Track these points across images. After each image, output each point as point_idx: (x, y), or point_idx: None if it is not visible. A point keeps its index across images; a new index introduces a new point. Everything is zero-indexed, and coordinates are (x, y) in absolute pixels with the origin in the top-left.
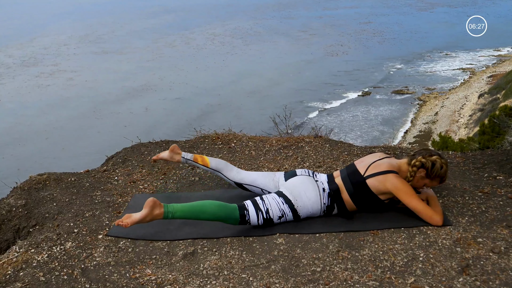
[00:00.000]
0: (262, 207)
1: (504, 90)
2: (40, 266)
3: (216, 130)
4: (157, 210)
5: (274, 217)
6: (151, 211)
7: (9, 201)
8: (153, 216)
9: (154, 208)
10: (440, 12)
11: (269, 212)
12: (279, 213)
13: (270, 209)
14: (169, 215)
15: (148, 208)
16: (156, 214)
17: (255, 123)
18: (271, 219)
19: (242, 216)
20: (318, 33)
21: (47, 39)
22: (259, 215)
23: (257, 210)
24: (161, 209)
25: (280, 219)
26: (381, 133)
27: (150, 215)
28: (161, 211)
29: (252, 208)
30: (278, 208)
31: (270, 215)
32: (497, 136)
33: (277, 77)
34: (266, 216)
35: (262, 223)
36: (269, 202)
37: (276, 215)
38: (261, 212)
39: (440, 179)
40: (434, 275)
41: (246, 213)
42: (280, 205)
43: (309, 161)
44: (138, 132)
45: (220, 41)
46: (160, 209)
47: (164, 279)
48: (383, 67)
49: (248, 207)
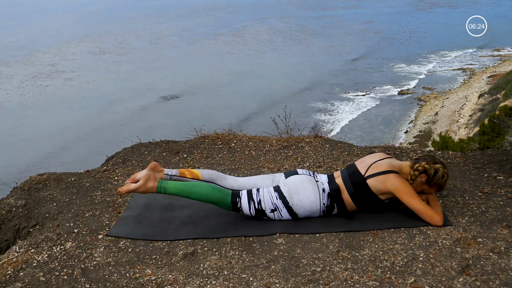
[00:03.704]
0: (255, 197)
1: (504, 90)
2: (40, 266)
3: (216, 130)
4: (151, 183)
5: (266, 209)
6: (145, 183)
7: (9, 201)
8: (147, 188)
9: (148, 180)
10: (440, 12)
11: (261, 203)
12: (271, 206)
13: (263, 200)
14: (161, 190)
15: (143, 180)
16: (149, 186)
17: (255, 122)
18: (263, 210)
19: (234, 203)
20: (321, 33)
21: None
22: (250, 204)
23: (250, 199)
24: (155, 183)
25: (274, 212)
26: (382, 133)
27: (144, 187)
28: (155, 185)
29: (245, 196)
30: (270, 201)
31: (262, 207)
32: (497, 136)
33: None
34: (258, 207)
35: (254, 214)
36: (263, 194)
37: (268, 208)
38: (253, 202)
39: (439, 188)
40: (434, 275)
41: (238, 200)
42: (273, 199)
43: (309, 161)
44: (138, 132)
45: (224, 41)
46: (154, 182)
47: (164, 279)
48: (384, 67)
49: (242, 195)
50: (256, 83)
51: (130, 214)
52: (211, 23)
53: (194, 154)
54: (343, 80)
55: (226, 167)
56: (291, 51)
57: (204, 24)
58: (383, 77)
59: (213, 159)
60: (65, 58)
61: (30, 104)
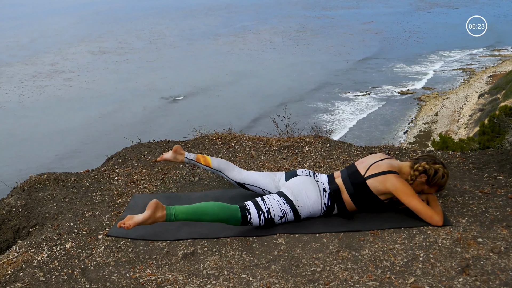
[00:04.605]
0: (263, 207)
1: (504, 90)
2: (40, 266)
3: (216, 130)
4: (159, 213)
5: (275, 217)
6: (153, 214)
7: (9, 201)
8: (155, 218)
9: (156, 211)
10: (440, 12)
11: (271, 212)
12: (280, 213)
13: (272, 209)
14: (171, 217)
15: (151, 211)
16: (158, 216)
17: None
18: (272, 219)
19: (244, 217)
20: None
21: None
22: (260, 215)
23: (259, 210)
24: (163, 211)
25: (282, 219)
26: (381, 133)
27: (152, 218)
28: (163, 213)
29: (253, 209)
30: (279, 208)
31: (271, 215)
32: (497, 136)
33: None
34: (268, 216)
35: (263, 224)
36: (270, 203)
37: (278, 216)
38: (262, 213)
39: (438, 188)
40: (434, 275)
41: (248, 213)
42: (281, 205)
43: (309, 161)
44: (138, 132)
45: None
46: (162, 211)
47: (164, 279)
48: (383, 67)
49: (250, 208)
50: (257, 83)
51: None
52: (211, 23)
53: None
54: (343, 80)
55: None
56: (290, 51)
57: (204, 24)
58: (383, 77)
59: None
60: (65, 58)
61: (29, 104)
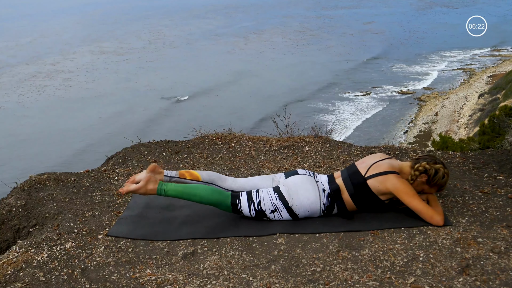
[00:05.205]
0: (254, 198)
1: (504, 90)
2: (40, 266)
3: (216, 130)
4: (151, 185)
5: (266, 210)
6: (145, 184)
7: (9, 201)
8: (147, 189)
9: (149, 182)
10: (440, 12)
11: (261, 204)
12: (271, 206)
13: (262, 201)
14: (161, 192)
15: (144, 182)
16: (150, 188)
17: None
18: (263, 211)
19: (234, 204)
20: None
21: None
22: (250, 206)
23: (249, 201)
24: (155, 185)
25: (274, 213)
26: (381, 133)
27: (144, 188)
28: (155, 187)
29: (245, 198)
30: (270, 202)
31: (261, 208)
32: (497, 136)
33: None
34: (258, 208)
35: (254, 215)
36: (262, 195)
37: (268, 208)
38: (252, 203)
39: (439, 188)
40: (434, 275)
41: (238, 202)
42: (272, 200)
43: (309, 161)
44: (138, 132)
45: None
46: (154, 185)
47: (164, 279)
48: (383, 67)
49: (241, 197)
50: (257, 83)
51: (130, 214)
52: (212, 23)
53: (194, 154)
54: (343, 80)
55: (226, 167)
56: (290, 51)
57: (204, 24)
58: (383, 77)
59: (213, 159)
60: (66, 58)
61: (28, 104)
